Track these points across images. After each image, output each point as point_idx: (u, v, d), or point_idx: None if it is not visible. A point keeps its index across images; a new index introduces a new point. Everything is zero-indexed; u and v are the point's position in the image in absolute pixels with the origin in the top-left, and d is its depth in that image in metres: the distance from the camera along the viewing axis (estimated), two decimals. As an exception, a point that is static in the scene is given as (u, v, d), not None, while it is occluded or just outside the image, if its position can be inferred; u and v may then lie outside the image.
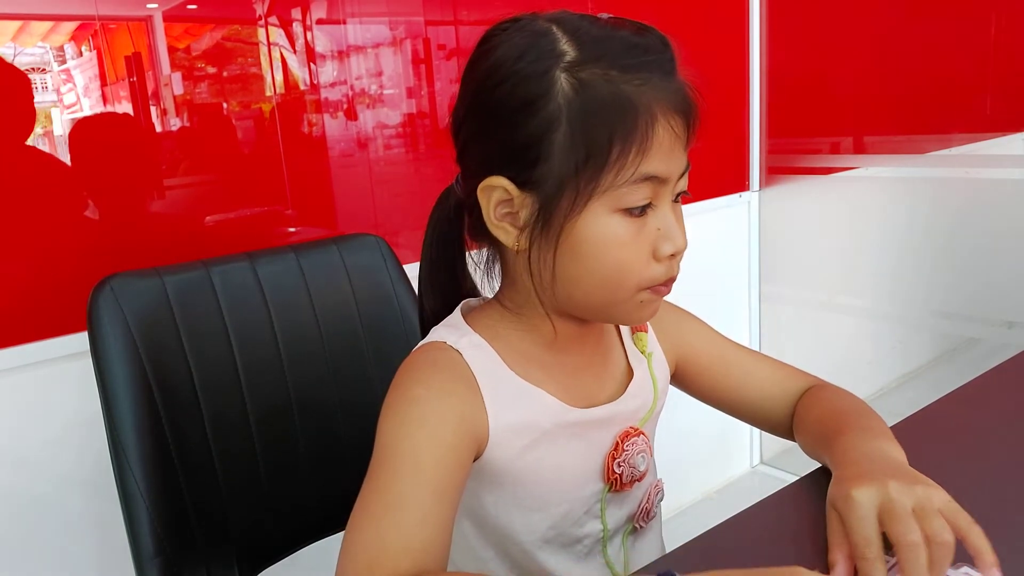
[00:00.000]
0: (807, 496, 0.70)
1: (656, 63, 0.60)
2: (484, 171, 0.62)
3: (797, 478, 0.73)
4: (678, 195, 0.64)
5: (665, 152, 0.60)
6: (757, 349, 2.24)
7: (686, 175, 0.63)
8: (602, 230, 0.60)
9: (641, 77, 0.59)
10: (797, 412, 0.78)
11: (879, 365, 2.59)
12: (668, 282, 0.64)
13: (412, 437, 0.60)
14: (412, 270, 1.06)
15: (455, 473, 0.60)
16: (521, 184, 0.61)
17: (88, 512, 1.12)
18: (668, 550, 0.64)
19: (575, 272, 0.62)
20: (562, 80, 0.59)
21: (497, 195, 0.62)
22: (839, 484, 0.61)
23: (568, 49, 0.59)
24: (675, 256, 0.62)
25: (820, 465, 0.75)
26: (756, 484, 2.25)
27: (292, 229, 1.29)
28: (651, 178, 0.59)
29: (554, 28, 0.61)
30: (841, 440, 0.68)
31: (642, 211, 0.61)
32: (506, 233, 0.63)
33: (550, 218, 0.60)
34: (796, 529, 0.66)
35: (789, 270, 2.22)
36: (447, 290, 0.73)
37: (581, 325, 0.69)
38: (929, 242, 2.48)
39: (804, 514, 0.68)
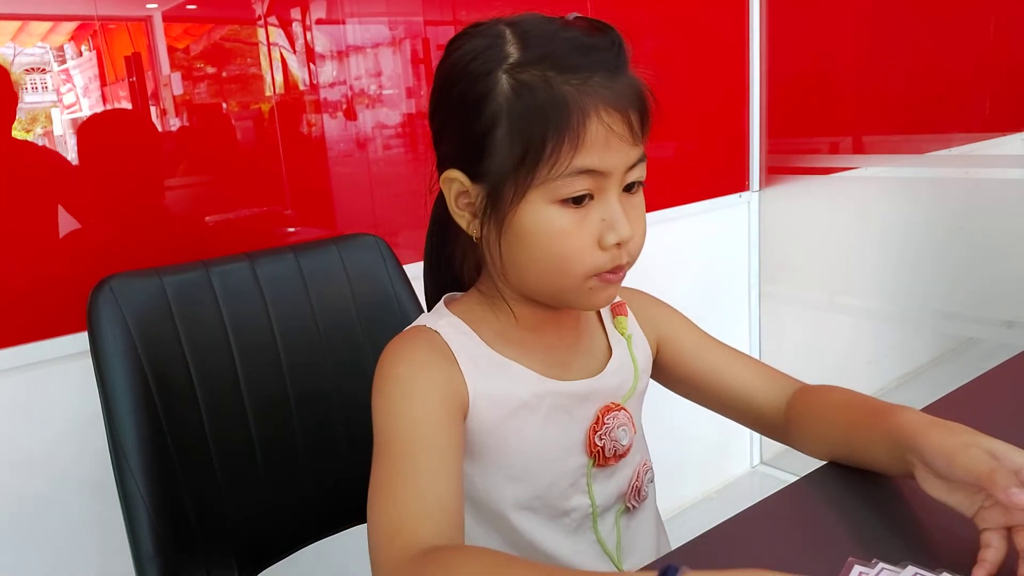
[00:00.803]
0: (807, 496, 0.70)
1: (600, 62, 0.63)
2: (446, 164, 0.68)
3: (797, 478, 0.73)
4: (633, 186, 0.67)
5: (600, 147, 0.62)
6: (757, 349, 2.25)
7: (640, 166, 0.66)
8: (541, 220, 0.64)
9: (580, 77, 0.62)
10: (797, 409, 0.78)
11: (879, 365, 2.59)
12: (616, 270, 0.67)
13: (404, 411, 0.64)
14: (412, 270, 1.07)
15: (451, 434, 0.65)
16: (472, 177, 0.66)
17: (88, 512, 1.12)
18: (670, 549, 0.64)
19: (521, 259, 0.66)
20: (503, 81, 0.63)
21: (456, 187, 0.68)
22: (987, 440, 0.60)
23: (513, 51, 0.64)
24: (621, 245, 0.65)
25: (820, 465, 0.75)
26: (756, 484, 2.25)
27: (291, 229, 1.29)
28: (588, 171, 0.62)
29: (508, 31, 0.65)
30: (905, 410, 0.68)
31: (581, 202, 0.64)
32: (465, 221, 0.69)
33: (496, 208, 0.65)
34: (796, 529, 0.66)
35: (789, 270, 2.22)
36: (445, 279, 0.78)
37: (547, 308, 0.72)
38: (929, 242, 2.48)
39: (804, 514, 0.68)
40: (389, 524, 0.59)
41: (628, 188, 0.66)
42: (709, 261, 2.08)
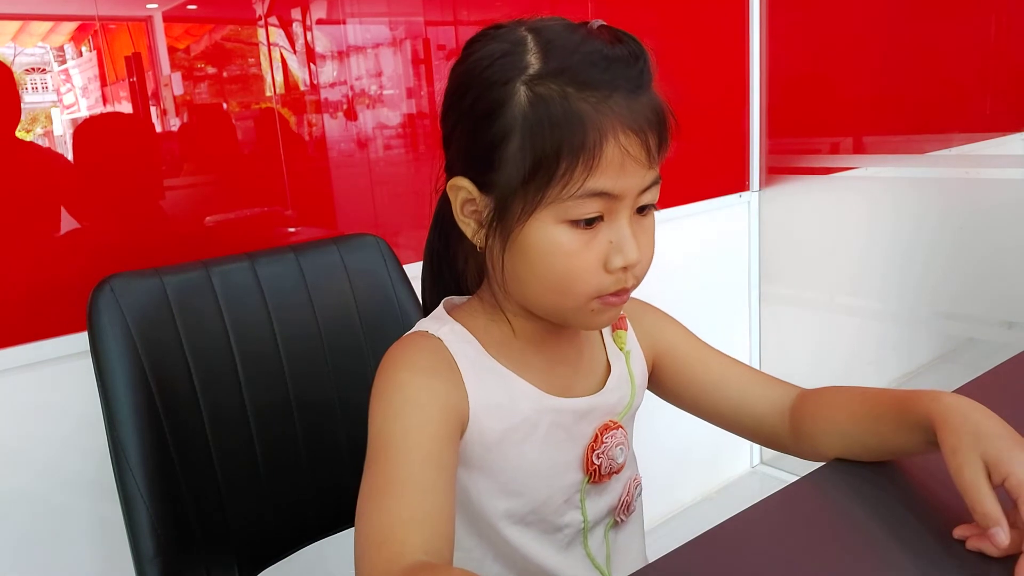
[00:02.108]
0: (807, 496, 0.70)
1: (621, 78, 0.60)
2: (454, 169, 0.66)
3: (797, 478, 0.73)
4: (644, 208, 0.65)
5: (615, 170, 0.60)
6: (757, 349, 2.25)
7: (653, 189, 0.64)
8: (548, 239, 0.62)
9: (599, 94, 0.60)
10: (807, 408, 0.76)
11: (879, 365, 2.59)
12: (620, 292, 0.65)
13: (402, 418, 0.63)
14: (412, 270, 1.07)
15: (446, 446, 0.63)
16: (481, 187, 0.64)
17: (88, 512, 1.12)
18: (669, 549, 0.64)
19: (524, 274, 0.65)
20: (521, 92, 0.61)
21: (463, 195, 0.66)
22: (997, 443, 0.59)
23: (534, 61, 0.61)
24: (627, 268, 0.63)
25: (820, 465, 0.75)
26: (756, 484, 2.25)
27: (292, 229, 1.29)
28: (600, 194, 0.61)
29: (529, 38, 0.62)
30: (924, 396, 0.66)
31: (591, 223, 0.62)
32: (470, 229, 0.67)
33: (502, 221, 0.63)
34: (796, 529, 0.66)
35: (789, 270, 2.22)
36: (447, 282, 0.77)
37: (548, 323, 0.70)
38: (929, 242, 2.48)
39: (804, 514, 0.68)
40: (377, 533, 0.57)
41: (640, 210, 0.65)
42: (709, 261, 2.08)
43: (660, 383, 0.83)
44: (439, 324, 0.70)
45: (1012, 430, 0.61)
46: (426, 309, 0.78)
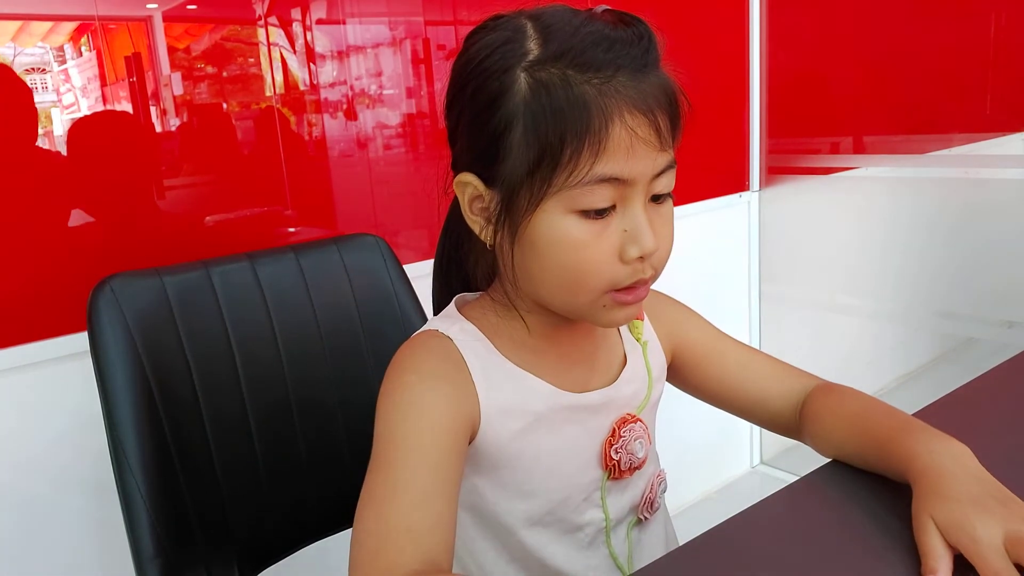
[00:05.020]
0: (807, 496, 0.70)
1: (625, 58, 0.58)
2: (460, 165, 0.65)
3: (797, 478, 0.73)
4: (659, 197, 0.62)
5: (623, 153, 0.58)
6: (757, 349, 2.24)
7: (668, 173, 0.61)
8: (557, 231, 0.60)
9: (602, 76, 0.57)
10: (812, 409, 0.76)
11: (879, 365, 2.59)
12: (637, 284, 0.62)
13: (408, 421, 0.61)
14: (412, 270, 1.07)
15: (452, 453, 0.61)
16: (487, 181, 0.62)
17: (88, 512, 1.12)
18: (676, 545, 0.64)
19: (535, 270, 0.63)
20: (522, 80, 0.59)
21: (470, 191, 0.64)
22: (952, 506, 0.57)
23: (533, 47, 0.59)
24: (644, 258, 0.61)
25: (821, 465, 0.75)
26: (756, 484, 2.25)
27: (292, 229, 1.29)
28: (610, 180, 0.58)
29: (529, 25, 0.61)
30: (908, 443, 0.65)
31: (602, 213, 0.59)
32: (478, 226, 0.65)
33: (510, 215, 0.61)
34: (796, 529, 0.66)
35: (789, 270, 2.22)
36: (455, 281, 0.75)
37: (563, 318, 0.69)
38: (929, 242, 2.48)
39: (804, 514, 0.68)
40: (373, 541, 0.55)
41: (655, 199, 0.62)
42: (709, 261, 2.08)
43: (679, 375, 0.82)
44: (450, 323, 0.69)
45: (982, 487, 0.58)
46: (436, 310, 0.77)
